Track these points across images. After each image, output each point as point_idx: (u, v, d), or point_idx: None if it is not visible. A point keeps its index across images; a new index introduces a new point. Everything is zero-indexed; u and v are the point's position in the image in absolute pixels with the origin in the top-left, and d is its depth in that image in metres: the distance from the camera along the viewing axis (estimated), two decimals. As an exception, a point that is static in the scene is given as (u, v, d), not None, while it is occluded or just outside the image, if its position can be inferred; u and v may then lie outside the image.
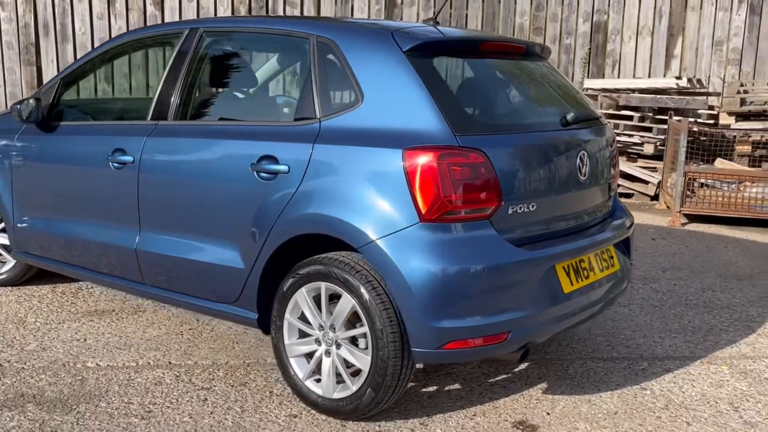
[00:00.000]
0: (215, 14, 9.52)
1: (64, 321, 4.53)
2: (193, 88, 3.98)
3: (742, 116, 9.04)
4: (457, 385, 3.84)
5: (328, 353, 3.43)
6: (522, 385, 3.88)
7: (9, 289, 5.05)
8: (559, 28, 10.11)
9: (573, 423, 3.48)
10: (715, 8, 10.28)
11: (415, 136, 3.19)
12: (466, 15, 10.03)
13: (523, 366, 4.09)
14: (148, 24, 9.52)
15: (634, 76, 10.25)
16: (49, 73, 9.45)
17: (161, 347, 4.19)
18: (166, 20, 9.48)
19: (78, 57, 9.47)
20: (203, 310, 3.94)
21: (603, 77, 10.23)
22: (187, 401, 3.58)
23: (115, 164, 4.08)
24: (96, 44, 9.49)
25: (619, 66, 10.28)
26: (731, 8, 10.28)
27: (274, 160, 3.49)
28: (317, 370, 3.49)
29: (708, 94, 9.35)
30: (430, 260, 3.11)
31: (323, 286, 3.37)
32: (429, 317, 3.11)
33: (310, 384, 3.50)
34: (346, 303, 3.31)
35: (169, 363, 4.00)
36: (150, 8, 9.52)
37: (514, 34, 10.01)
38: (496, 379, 3.94)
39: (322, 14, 9.71)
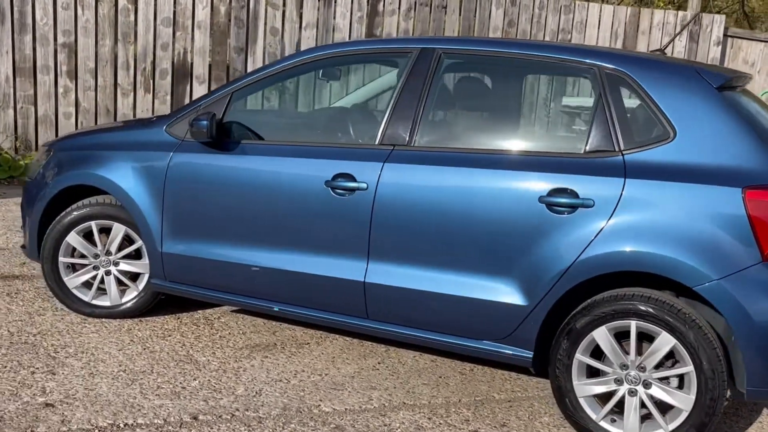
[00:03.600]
0: (193, 9, 8.91)
1: (239, 358, 4.11)
2: (439, 113, 3.76)
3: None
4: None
5: (631, 392, 3.36)
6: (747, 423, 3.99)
7: (133, 323, 4.50)
8: (528, 45, 10.39)
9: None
10: (662, 34, 10.98)
11: (747, 175, 3.21)
12: (444, 29, 10.06)
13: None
14: (118, 17, 8.76)
15: (591, 94, 10.71)
16: (3, 65, 8.44)
17: (376, 386, 3.92)
18: (140, 12, 8.75)
19: (37, 49, 8.57)
20: (451, 346, 3.74)
21: (564, 94, 10.61)
22: (473, 447, 3.39)
23: (339, 191, 3.77)
24: (59, 37, 8.60)
25: (580, 83, 10.71)
26: (674, 34, 11.01)
27: (573, 194, 3.39)
28: (615, 409, 3.42)
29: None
30: (777, 300, 3.15)
31: (633, 324, 3.31)
32: (776, 356, 3.15)
33: (605, 424, 3.43)
34: (664, 342, 3.27)
35: (404, 404, 3.75)
36: (122, 1, 8.75)
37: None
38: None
39: (305, 17, 9.37)
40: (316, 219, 3.86)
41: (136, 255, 4.47)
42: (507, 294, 3.53)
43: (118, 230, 4.41)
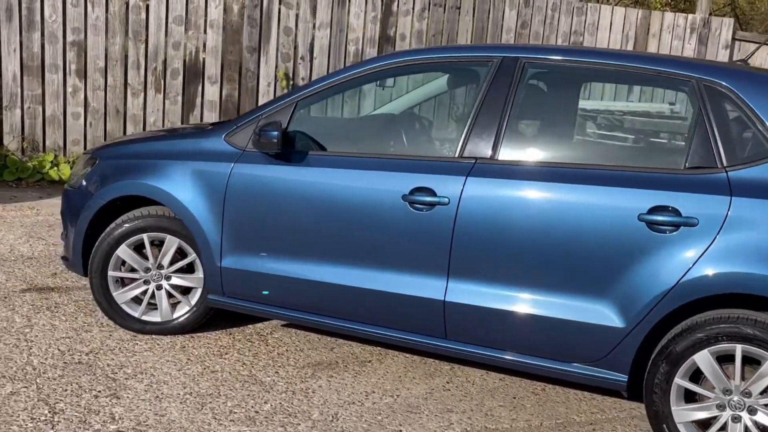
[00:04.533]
0: (206, 8, 8.67)
1: (304, 378, 3.94)
2: (524, 125, 3.61)
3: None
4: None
5: (735, 419, 3.24)
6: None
7: (185, 340, 4.30)
8: (541, 47, 10.28)
9: None
10: (671, 37, 10.94)
11: None
12: (457, 30, 9.91)
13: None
14: (129, 15, 8.50)
15: (602, 96, 10.63)
16: (10, 63, 8.15)
17: (453, 408, 3.76)
18: (152, 10, 8.49)
19: (46, 47, 8.28)
20: (537, 369, 3.60)
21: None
22: (571, 476, 3.25)
23: (417, 205, 3.61)
24: (68, 35, 8.31)
25: (590, 85, 10.62)
26: (684, 38, 10.99)
27: (675, 212, 3.25)
28: (716, 436, 3.30)
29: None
30: None
31: (739, 348, 3.19)
32: None
33: (705, 452, 3.30)
34: (771, 367, 3.15)
35: (486, 428, 3.61)
36: (133, -2, 8.49)
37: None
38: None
39: (318, 16, 9.17)
40: (392, 234, 3.70)
41: (188, 269, 4.28)
42: (602, 315, 3.39)
43: (172, 243, 4.21)
